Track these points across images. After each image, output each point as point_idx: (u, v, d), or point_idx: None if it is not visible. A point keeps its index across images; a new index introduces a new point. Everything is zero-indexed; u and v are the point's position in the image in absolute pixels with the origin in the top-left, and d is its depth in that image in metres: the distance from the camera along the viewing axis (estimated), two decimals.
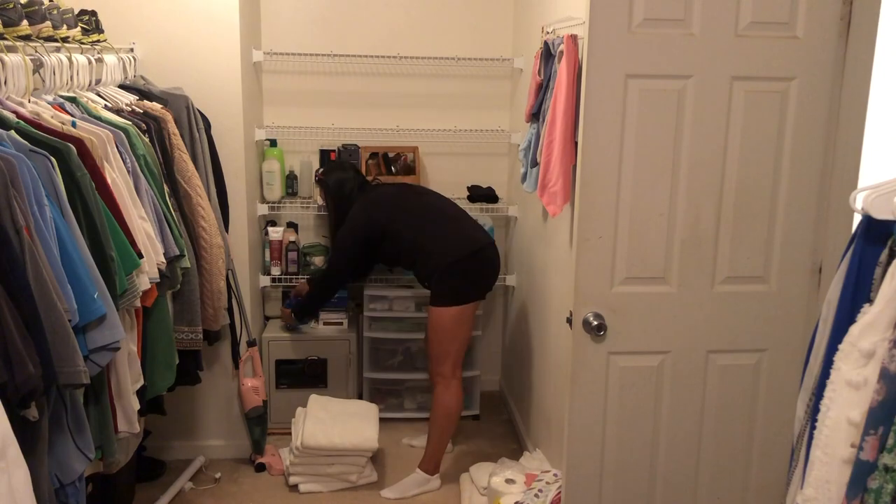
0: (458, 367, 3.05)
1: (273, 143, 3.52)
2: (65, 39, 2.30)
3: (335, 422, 3.08)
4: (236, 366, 3.24)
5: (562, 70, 2.37)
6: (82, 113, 2.20)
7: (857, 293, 1.23)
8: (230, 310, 3.09)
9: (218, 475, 3.15)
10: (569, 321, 2.09)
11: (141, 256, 2.04)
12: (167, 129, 2.59)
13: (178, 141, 2.63)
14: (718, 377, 2.16)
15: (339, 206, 3.17)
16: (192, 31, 2.99)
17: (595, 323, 2.05)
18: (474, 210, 3.65)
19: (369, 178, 3.37)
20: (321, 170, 3.33)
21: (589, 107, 1.97)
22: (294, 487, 3.06)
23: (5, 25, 1.97)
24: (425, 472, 3.08)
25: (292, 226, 3.62)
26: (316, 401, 3.23)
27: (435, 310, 2.99)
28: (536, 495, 2.63)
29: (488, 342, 3.79)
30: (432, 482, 3.08)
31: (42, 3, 2.15)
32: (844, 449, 1.13)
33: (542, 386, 3.15)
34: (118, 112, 2.42)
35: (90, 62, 2.42)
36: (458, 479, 3.13)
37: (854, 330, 1.16)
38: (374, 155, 3.61)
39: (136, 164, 2.24)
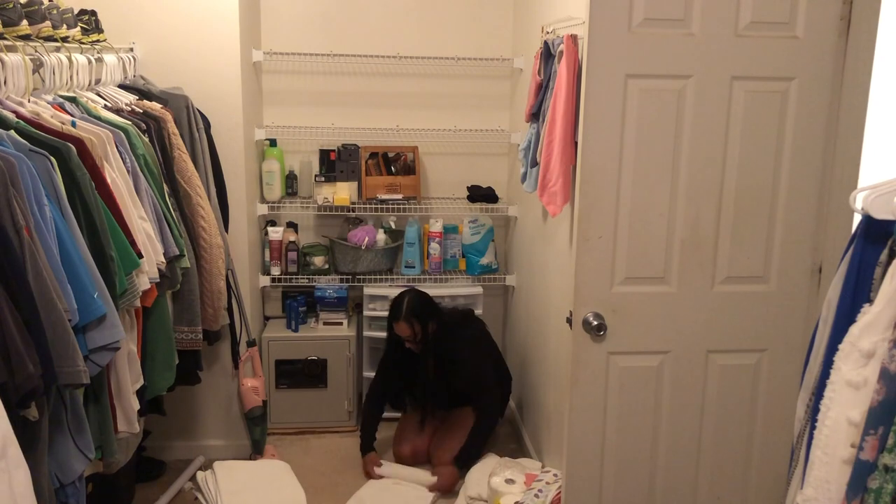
0: None
1: (273, 142, 3.52)
2: (64, 39, 2.30)
3: (254, 493, 2.88)
4: (236, 366, 3.24)
5: (562, 70, 2.37)
6: (82, 113, 2.20)
7: (857, 293, 1.23)
8: (230, 310, 3.08)
9: None
10: (569, 321, 2.09)
11: (141, 256, 2.04)
12: (167, 129, 2.59)
13: (177, 141, 2.63)
14: (718, 377, 2.16)
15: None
16: (192, 31, 2.99)
17: (595, 323, 2.05)
18: (474, 210, 3.65)
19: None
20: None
21: (589, 107, 1.97)
22: None
23: (5, 25, 1.97)
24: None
25: (292, 226, 3.62)
26: (221, 468, 2.99)
27: None
28: (536, 495, 2.63)
29: None
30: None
31: (42, 3, 2.15)
32: (844, 449, 1.13)
33: (542, 386, 3.15)
34: (118, 112, 2.42)
35: (90, 62, 2.42)
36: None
37: (854, 330, 1.16)
38: (373, 155, 3.61)
39: (136, 163, 2.24)
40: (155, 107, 2.64)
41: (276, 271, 3.51)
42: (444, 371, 3.22)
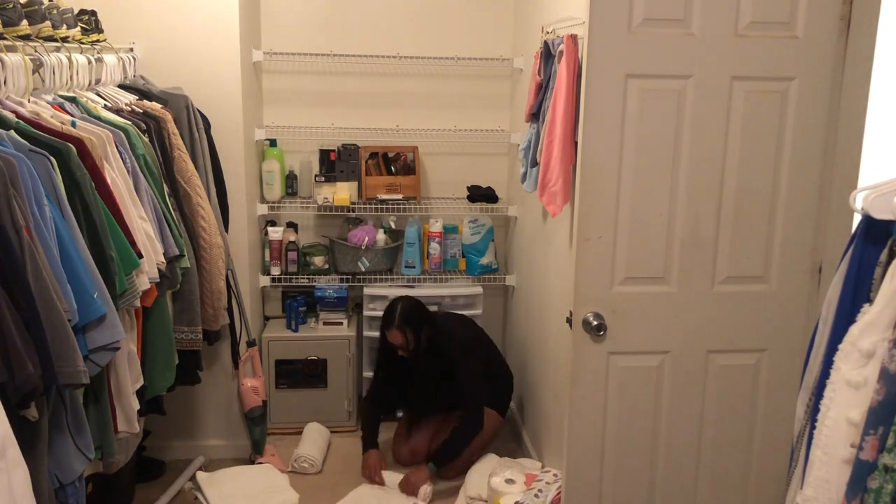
0: None
1: (273, 142, 3.52)
2: (64, 39, 2.29)
3: (246, 499, 2.91)
4: (236, 366, 3.24)
5: (562, 70, 2.37)
6: (82, 113, 2.20)
7: (857, 293, 1.23)
8: (230, 310, 3.08)
9: None
10: (569, 321, 2.09)
11: (140, 256, 2.04)
12: (167, 129, 2.59)
13: (177, 141, 2.63)
14: (718, 377, 2.16)
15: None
16: (192, 31, 2.99)
17: (595, 323, 2.05)
18: (474, 210, 3.65)
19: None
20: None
21: (589, 107, 1.97)
22: None
23: (5, 25, 1.97)
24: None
25: (292, 226, 3.62)
26: (206, 480, 3.01)
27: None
28: (536, 495, 2.63)
29: None
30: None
31: (42, 3, 2.15)
32: (844, 449, 1.13)
33: (541, 386, 3.15)
34: (118, 112, 2.42)
35: (90, 62, 2.42)
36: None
37: (854, 330, 1.16)
38: (373, 155, 3.61)
39: (136, 163, 2.24)
40: (155, 107, 2.64)
41: (276, 271, 3.51)
42: (437, 378, 3.20)
